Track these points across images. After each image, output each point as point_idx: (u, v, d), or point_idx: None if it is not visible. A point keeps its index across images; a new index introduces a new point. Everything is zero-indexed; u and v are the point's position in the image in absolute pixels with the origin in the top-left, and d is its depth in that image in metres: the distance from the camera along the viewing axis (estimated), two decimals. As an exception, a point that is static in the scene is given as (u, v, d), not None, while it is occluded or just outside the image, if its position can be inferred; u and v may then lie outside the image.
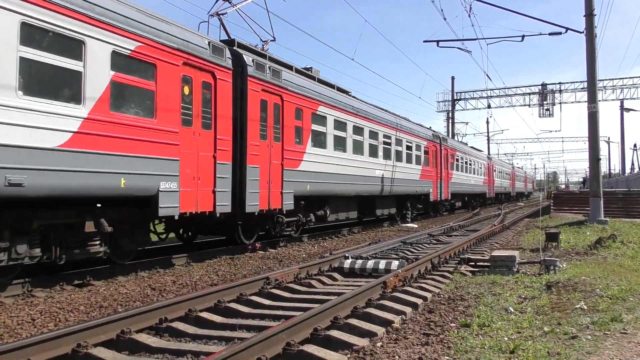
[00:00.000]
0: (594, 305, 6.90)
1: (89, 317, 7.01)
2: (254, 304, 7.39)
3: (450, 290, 8.34)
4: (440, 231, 18.49)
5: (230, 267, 11.21)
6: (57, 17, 8.12)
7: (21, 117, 7.55)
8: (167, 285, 9.20)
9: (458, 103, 52.75)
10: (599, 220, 20.05)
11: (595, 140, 21.51)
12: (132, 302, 7.91)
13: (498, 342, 5.45)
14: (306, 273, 9.51)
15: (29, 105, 7.68)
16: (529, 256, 11.97)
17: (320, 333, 5.58)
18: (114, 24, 9.15)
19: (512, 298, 7.64)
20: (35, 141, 7.72)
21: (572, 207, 28.23)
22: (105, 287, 8.93)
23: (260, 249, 14.11)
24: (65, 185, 8.19)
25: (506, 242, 15.95)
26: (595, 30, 21.14)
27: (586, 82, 23.14)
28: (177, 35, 10.73)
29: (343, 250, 13.02)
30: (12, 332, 6.25)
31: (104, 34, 8.96)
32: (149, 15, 10.21)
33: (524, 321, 6.27)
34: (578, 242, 14.49)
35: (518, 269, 9.89)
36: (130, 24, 9.51)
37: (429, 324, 6.33)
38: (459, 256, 11.64)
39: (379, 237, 17.95)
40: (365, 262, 10.04)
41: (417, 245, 14.29)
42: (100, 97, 8.83)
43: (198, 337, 5.88)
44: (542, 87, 47.66)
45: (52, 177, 7.94)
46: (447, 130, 52.94)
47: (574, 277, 8.57)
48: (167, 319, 6.27)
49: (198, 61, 11.21)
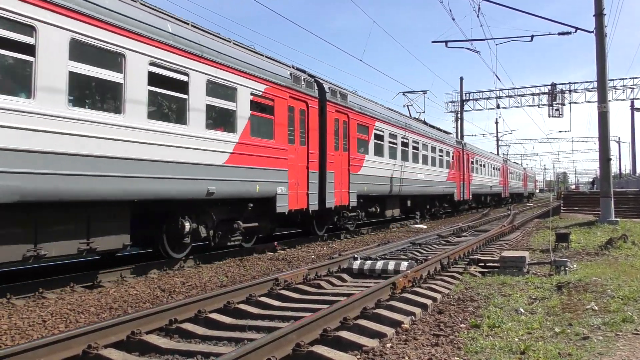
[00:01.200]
0: (605, 305, 6.84)
1: (99, 318, 7.04)
2: (264, 305, 7.39)
3: (460, 291, 8.30)
4: (449, 232, 18.43)
5: (239, 269, 11.23)
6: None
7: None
8: (176, 286, 9.23)
9: (467, 103, 52.57)
10: (609, 220, 19.91)
11: (605, 140, 21.37)
12: (142, 304, 7.94)
13: (508, 342, 5.42)
14: (315, 274, 9.51)
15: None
16: (539, 257, 11.90)
17: (329, 334, 5.57)
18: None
19: (522, 299, 7.59)
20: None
21: (582, 208, 28.07)
22: (116, 289, 8.97)
23: (279, 249, 14.42)
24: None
25: (516, 243, 15.88)
26: (605, 29, 21.00)
27: (596, 82, 22.98)
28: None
29: (352, 251, 13.00)
30: (24, 334, 6.29)
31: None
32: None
33: (535, 322, 6.23)
34: (589, 243, 14.38)
35: (528, 269, 9.83)
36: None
37: (439, 324, 6.31)
38: (469, 257, 11.60)
39: (388, 238, 17.92)
40: (374, 263, 10.02)
41: (426, 246, 14.26)
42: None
43: (208, 338, 5.89)
44: (552, 87, 47.36)
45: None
46: (455, 130, 52.77)
47: (585, 278, 8.51)
48: (176, 320, 6.28)
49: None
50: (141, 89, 9.66)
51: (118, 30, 9.18)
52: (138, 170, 9.45)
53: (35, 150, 7.74)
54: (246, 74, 12.47)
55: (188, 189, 10.63)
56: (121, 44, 9.26)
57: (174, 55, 10.40)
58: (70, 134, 8.26)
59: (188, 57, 10.75)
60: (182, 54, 10.61)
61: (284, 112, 14.07)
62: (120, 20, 9.22)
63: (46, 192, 7.89)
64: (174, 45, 10.41)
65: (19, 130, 7.55)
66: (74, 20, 8.36)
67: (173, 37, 10.42)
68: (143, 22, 9.74)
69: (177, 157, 10.37)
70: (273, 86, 13.56)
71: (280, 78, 14.00)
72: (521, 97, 50.04)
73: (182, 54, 10.61)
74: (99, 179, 8.70)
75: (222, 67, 11.68)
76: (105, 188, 8.84)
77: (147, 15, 10.00)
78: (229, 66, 11.88)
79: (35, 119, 7.76)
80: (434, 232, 18.57)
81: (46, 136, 7.90)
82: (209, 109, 11.38)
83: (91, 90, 9.30)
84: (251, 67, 12.73)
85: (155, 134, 9.90)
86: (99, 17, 8.80)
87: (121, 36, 9.26)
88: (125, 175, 9.19)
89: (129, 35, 9.42)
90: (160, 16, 10.45)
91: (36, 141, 7.76)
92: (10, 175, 7.41)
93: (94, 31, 8.72)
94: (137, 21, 9.60)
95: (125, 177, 9.19)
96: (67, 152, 8.20)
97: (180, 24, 10.99)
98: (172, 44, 10.35)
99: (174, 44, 10.40)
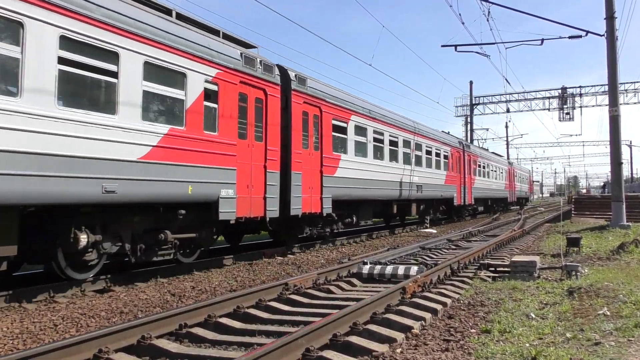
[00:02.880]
0: (617, 311, 6.79)
1: (109, 322, 7.08)
2: (273, 310, 7.39)
3: (470, 296, 8.27)
4: (459, 236, 18.36)
5: (248, 273, 11.25)
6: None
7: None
8: (186, 291, 9.26)
9: (476, 107, 52.45)
10: (621, 225, 19.75)
11: (616, 144, 21.22)
12: (152, 308, 7.96)
13: (519, 348, 5.39)
14: (325, 279, 9.51)
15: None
16: (550, 261, 11.82)
17: (339, 339, 5.57)
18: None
19: (533, 304, 7.55)
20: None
21: (593, 212, 27.86)
22: (126, 293, 9.01)
23: (270, 255, 14.05)
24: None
25: (526, 247, 15.78)
26: (616, 32, 20.89)
27: (607, 85, 22.86)
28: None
29: (361, 255, 12.98)
30: (35, 338, 6.33)
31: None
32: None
33: (546, 327, 6.19)
34: (600, 247, 14.28)
35: (539, 274, 9.77)
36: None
37: (449, 329, 6.29)
38: (479, 261, 11.55)
39: (397, 242, 17.87)
40: (383, 268, 10.00)
41: (436, 251, 14.21)
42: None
43: (217, 343, 5.90)
44: (562, 91, 47.09)
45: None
46: (465, 135, 52.64)
47: (597, 283, 8.45)
48: (186, 325, 6.30)
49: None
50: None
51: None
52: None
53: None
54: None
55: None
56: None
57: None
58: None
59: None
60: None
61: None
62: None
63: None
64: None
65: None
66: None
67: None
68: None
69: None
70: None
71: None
72: (531, 100, 49.87)
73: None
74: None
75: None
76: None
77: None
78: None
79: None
80: (444, 236, 18.51)
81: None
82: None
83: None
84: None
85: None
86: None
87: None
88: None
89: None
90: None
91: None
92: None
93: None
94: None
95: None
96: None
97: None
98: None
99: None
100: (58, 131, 7.91)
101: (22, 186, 7.38)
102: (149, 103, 9.67)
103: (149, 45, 9.61)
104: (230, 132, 11.61)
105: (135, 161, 9.18)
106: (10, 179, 7.22)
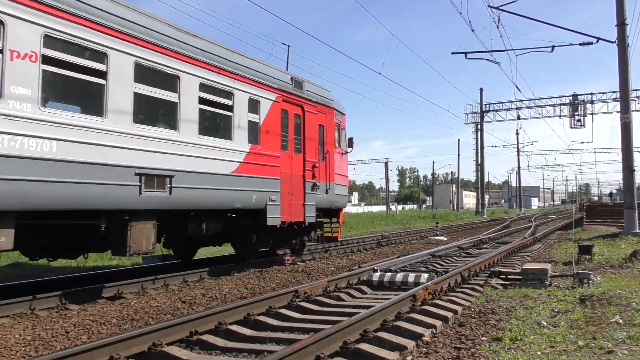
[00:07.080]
0: (630, 319, 6.72)
1: (121, 329, 7.11)
2: (283, 317, 7.39)
3: (481, 304, 8.23)
4: (469, 244, 18.27)
5: (259, 280, 11.26)
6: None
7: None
8: (197, 298, 9.28)
9: (487, 115, 52.36)
10: (633, 232, 19.60)
11: (628, 151, 21.09)
12: (163, 315, 7.99)
13: (531, 356, 5.36)
14: (335, 286, 9.50)
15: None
16: (562, 269, 11.74)
17: (349, 346, 5.56)
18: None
19: (544, 312, 7.49)
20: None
21: (605, 220, 27.67)
22: (137, 300, 9.05)
23: (289, 262, 14.24)
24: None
25: (537, 255, 15.68)
26: (627, 39, 20.84)
27: (619, 92, 22.75)
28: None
29: (371, 263, 12.96)
30: (47, 345, 6.37)
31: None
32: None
33: (558, 335, 6.14)
34: (612, 255, 14.16)
35: (550, 282, 9.71)
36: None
37: (460, 337, 6.26)
38: (490, 269, 11.48)
39: (407, 250, 17.82)
40: (394, 275, 9.97)
41: (447, 258, 14.15)
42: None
43: (228, 350, 5.91)
44: (573, 98, 46.97)
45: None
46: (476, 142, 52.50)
47: (609, 291, 8.38)
48: (197, 332, 6.32)
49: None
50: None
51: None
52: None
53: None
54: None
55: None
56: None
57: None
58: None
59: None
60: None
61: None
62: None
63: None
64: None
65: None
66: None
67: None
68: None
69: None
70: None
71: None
72: (542, 107, 49.77)
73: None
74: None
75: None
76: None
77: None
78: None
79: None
80: (454, 243, 18.43)
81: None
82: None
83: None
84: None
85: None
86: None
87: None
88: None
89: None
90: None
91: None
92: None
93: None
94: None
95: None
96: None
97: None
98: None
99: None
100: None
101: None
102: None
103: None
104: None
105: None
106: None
